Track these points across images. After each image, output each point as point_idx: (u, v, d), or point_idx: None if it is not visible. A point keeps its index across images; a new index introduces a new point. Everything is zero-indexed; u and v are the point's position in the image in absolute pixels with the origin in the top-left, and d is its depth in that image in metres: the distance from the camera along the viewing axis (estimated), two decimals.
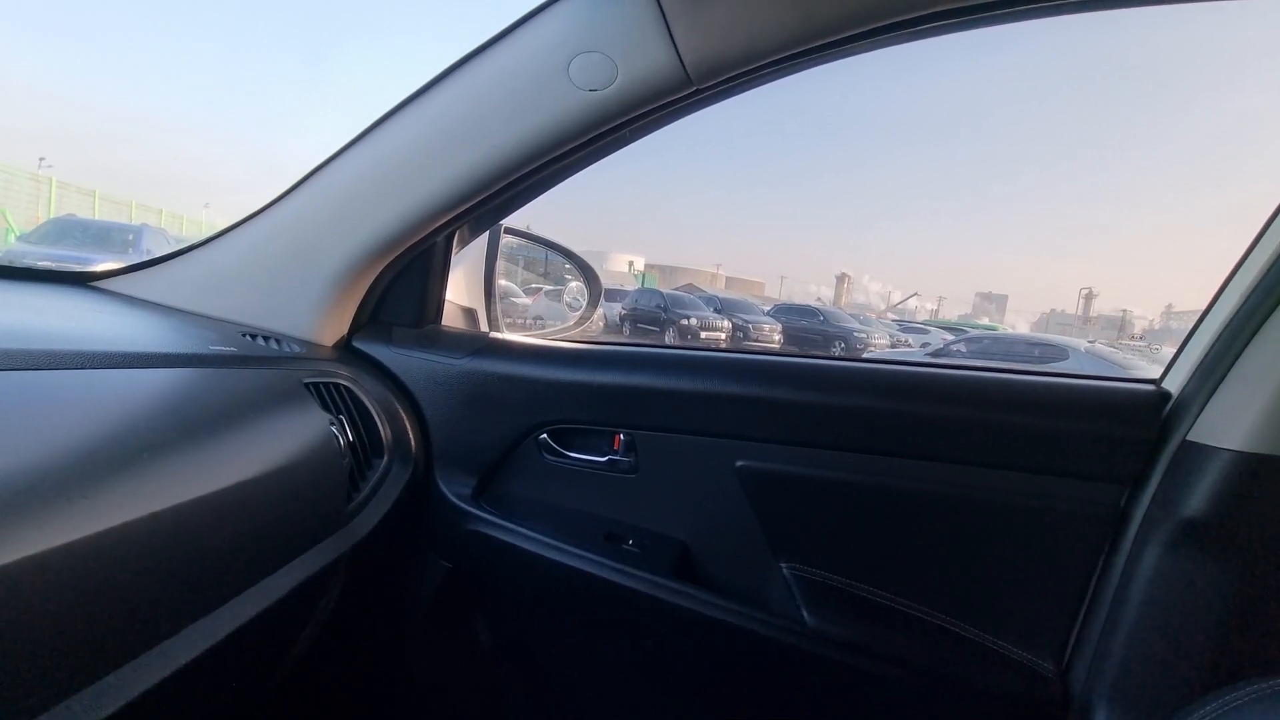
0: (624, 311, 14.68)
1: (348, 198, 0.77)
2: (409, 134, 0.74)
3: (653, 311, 14.29)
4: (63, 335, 0.61)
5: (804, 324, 15.78)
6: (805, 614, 0.79)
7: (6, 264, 0.86)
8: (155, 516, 0.47)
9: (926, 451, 0.78)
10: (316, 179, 0.78)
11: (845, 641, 0.78)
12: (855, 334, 15.15)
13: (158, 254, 0.89)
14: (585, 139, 0.72)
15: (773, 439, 0.81)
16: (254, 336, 0.78)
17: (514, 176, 0.75)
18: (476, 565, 0.89)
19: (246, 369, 0.69)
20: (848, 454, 0.80)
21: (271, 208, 0.80)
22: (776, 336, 14.91)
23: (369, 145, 0.76)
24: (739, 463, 0.82)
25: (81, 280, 0.85)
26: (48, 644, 0.40)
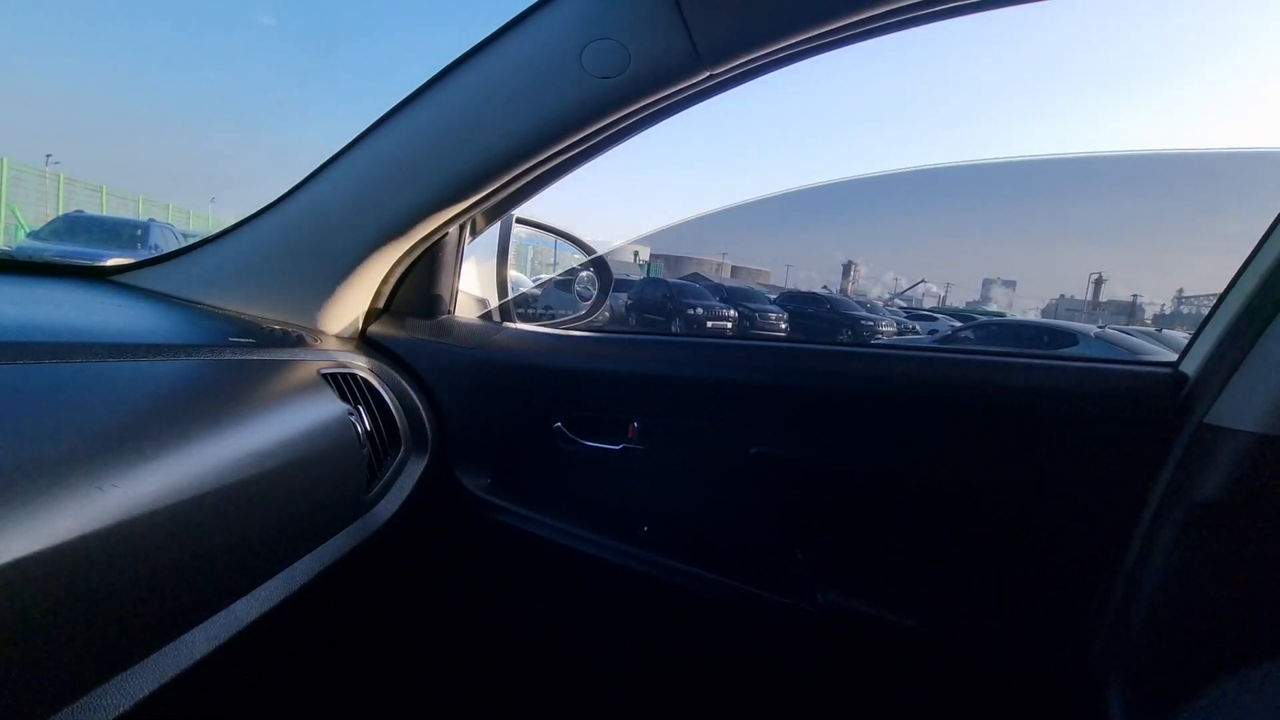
0: (629, 302, 14.62)
1: (361, 189, 0.77)
2: (421, 125, 0.75)
3: (658, 301, 14.22)
4: (86, 328, 0.62)
5: (811, 311, 15.68)
6: (821, 597, 0.80)
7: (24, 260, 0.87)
8: (182, 505, 0.48)
9: (940, 436, 0.78)
10: (330, 171, 0.78)
11: (861, 623, 0.79)
12: (862, 321, 15.04)
13: (166, 248, 0.90)
14: (598, 127, 0.72)
15: (786, 425, 0.82)
16: (271, 328, 0.79)
17: (526, 165, 0.75)
18: (493, 552, 0.90)
19: (265, 360, 0.70)
20: (861, 439, 0.80)
21: (285, 200, 0.81)
22: (783, 325, 14.84)
23: (381, 137, 0.76)
24: (753, 449, 0.82)
25: (99, 275, 0.86)
26: (82, 630, 0.41)
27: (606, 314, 1.14)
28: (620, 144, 0.80)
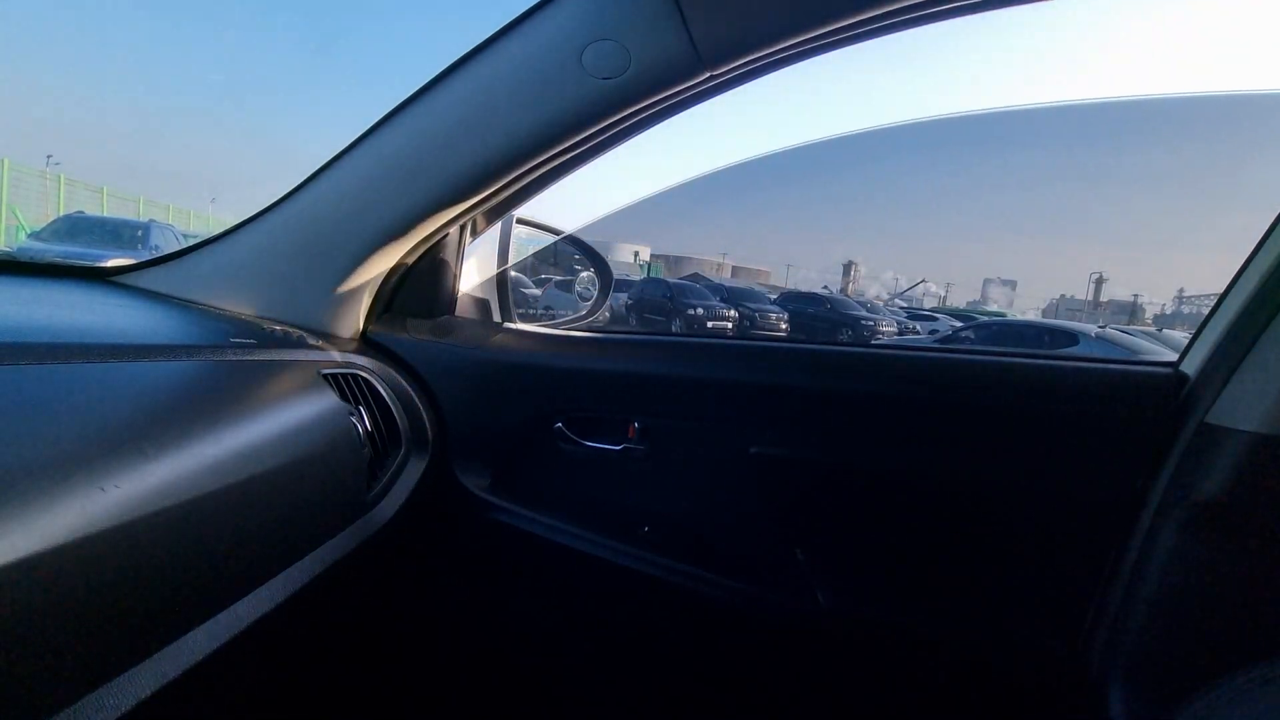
0: (630, 301, 14.65)
1: (363, 190, 0.78)
2: (423, 125, 0.75)
3: (659, 301, 14.25)
4: (87, 329, 0.62)
5: (811, 311, 15.71)
6: (821, 596, 0.80)
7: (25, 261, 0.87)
8: (183, 506, 0.48)
9: (942, 436, 0.78)
10: (332, 171, 0.78)
11: (861, 623, 0.79)
12: (863, 321, 15.08)
13: (166, 249, 0.90)
14: (599, 127, 0.72)
15: (786, 425, 0.82)
16: (272, 328, 0.79)
17: (527, 166, 0.75)
18: (494, 552, 0.90)
19: (266, 361, 0.70)
20: (862, 439, 0.80)
21: (287, 201, 0.81)
22: (783, 325, 14.87)
23: (383, 137, 0.76)
24: (753, 449, 0.82)
25: (100, 275, 0.86)
26: (84, 630, 0.41)
27: (607, 314, 1.15)
28: (621, 144, 0.80)
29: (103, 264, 0.87)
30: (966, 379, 0.78)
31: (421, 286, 0.91)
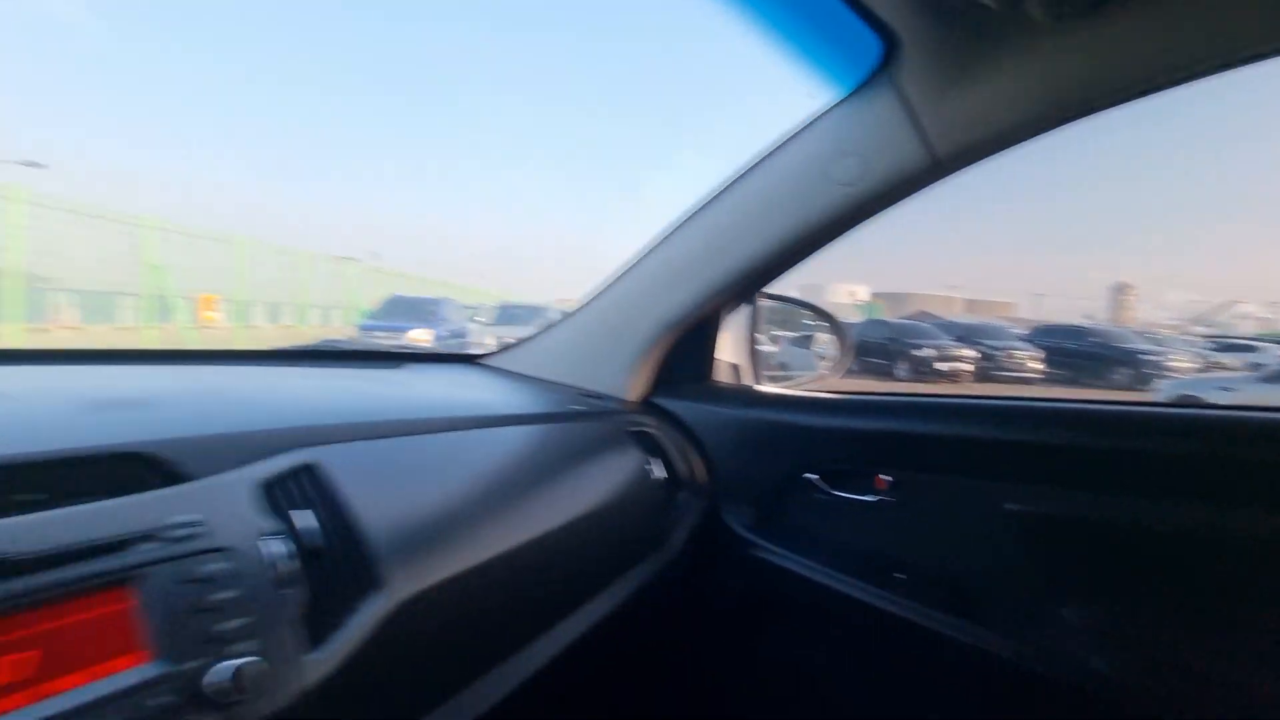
0: None
1: (655, 283, 1.00)
2: (701, 232, 0.95)
3: (880, 344, 13.42)
4: (473, 403, 0.90)
5: (1069, 347, 13.43)
6: (1095, 660, 0.78)
7: (406, 349, 1.26)
8: (536, 540, 0.67)
9: (1239, 498, 0.72)
10: (631, 270, 1.03)
11: (1141, 690, 0.75)
12: (1140, 356, 12.43)
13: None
14: (844, 228, 0.85)
15: (1047, 482, 0.82)
16: (590, 396, 1.04)
17: (783, 262, 0.91)
18: (758, 587, 1.03)
19: (589, 424, 0.94)
20: (1133, 498, 0.77)
21: (601, 294, 1.07)
22: (1034, 364, 12.90)
23: (672, 241, 0.98)
24: (1008, 505, 0.84)
25: (470, 360, 1.21)
26: (448, 650, 0.58)
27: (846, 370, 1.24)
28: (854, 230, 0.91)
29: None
30: (1253, 437, 0.72)
31: (690, 356, 1.11)
